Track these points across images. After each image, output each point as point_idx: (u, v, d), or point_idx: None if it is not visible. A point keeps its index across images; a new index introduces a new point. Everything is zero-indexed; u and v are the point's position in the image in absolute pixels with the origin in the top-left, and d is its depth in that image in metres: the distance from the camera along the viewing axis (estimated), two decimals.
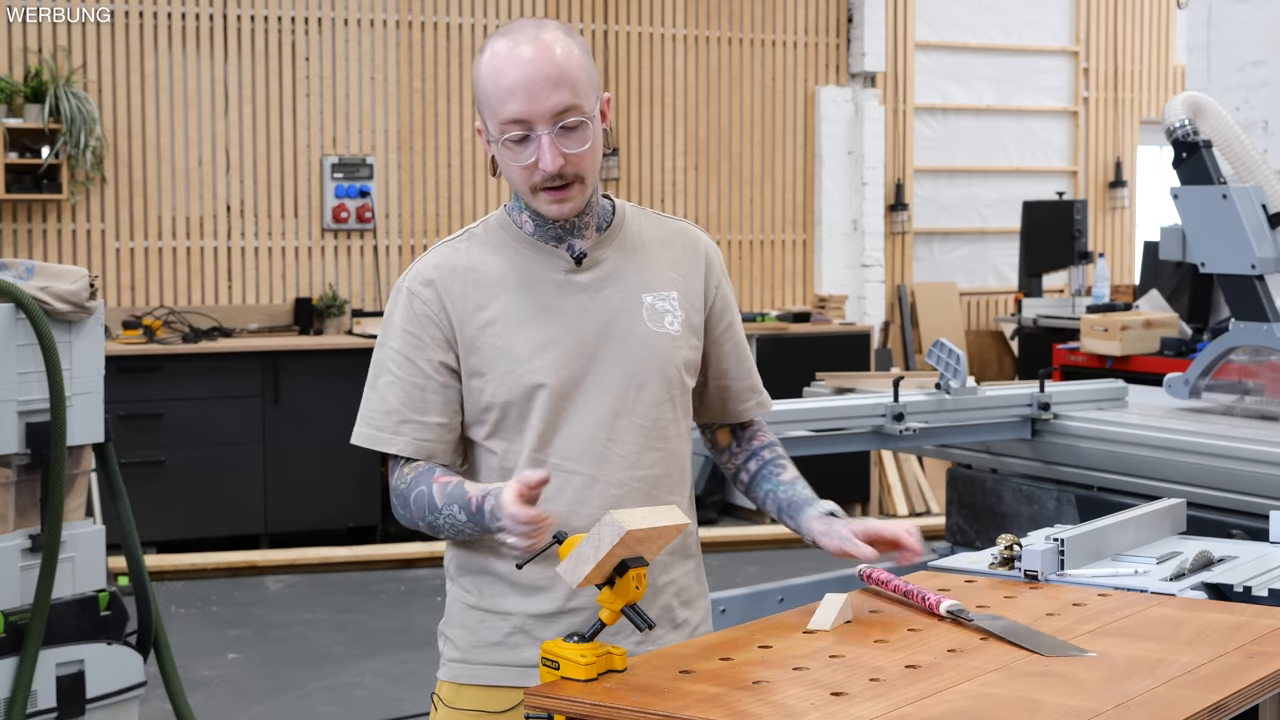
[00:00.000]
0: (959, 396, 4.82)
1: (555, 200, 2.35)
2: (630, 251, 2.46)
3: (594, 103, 2.35)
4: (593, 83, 2.35)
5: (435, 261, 2.41)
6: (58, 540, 4.04)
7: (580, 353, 2.38)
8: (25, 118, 8.03)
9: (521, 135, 2.30)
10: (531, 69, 2.28)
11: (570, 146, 2.31)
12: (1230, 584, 2.54)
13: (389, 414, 2.38)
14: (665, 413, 2.43)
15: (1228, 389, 5.14)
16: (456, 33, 9.16)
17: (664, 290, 2.46)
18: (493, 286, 2.39)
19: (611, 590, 2.10)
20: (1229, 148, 5.11)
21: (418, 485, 2.34)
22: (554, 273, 2.41)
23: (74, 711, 4.15)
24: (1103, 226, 11.41)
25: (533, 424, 2.37)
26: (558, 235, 2.41)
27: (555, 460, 2.37)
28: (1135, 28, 11.51)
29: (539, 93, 2.28)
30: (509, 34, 2.33)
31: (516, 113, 2.28)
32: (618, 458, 2.39)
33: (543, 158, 2.30)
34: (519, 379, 2.36)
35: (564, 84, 2.29)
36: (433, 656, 2.53)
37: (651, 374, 2.41)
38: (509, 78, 2.28)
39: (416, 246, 9.06)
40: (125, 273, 8.50)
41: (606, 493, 2.37)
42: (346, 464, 8.25)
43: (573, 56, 2.31)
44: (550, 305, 2.39)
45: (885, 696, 1.94)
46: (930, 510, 9.11)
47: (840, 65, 10.25)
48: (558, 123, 2.29)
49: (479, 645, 2.42)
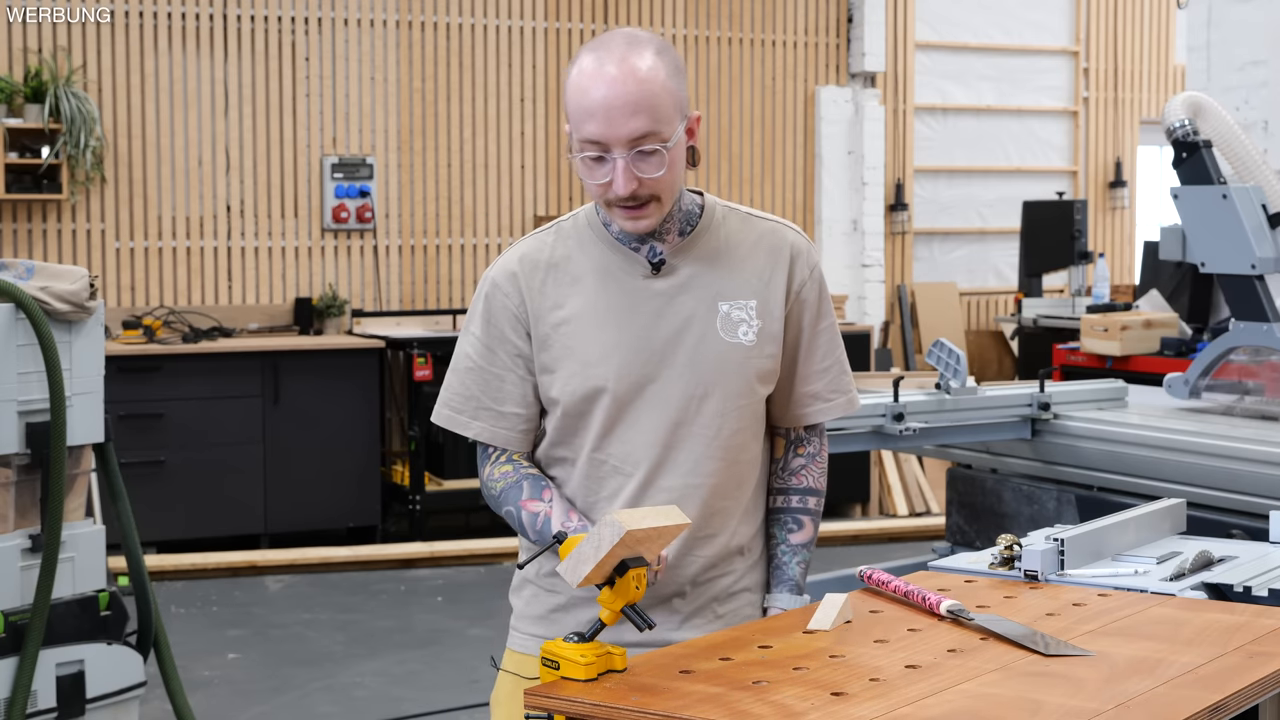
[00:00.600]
0: (959, 396, 4.82)
1: (629, 218, 2.37)
2: (712, 258, 2.46)
3: (676, 126, 2.34)
4: (679, 105, 2.35)
5: (521, 254, 2.46)
6: (58, 540, 4.04)
7: (647, 359, 2.41)
8: (25, 118, 8.03)
9: (598, 155, 2.32)
10: (612, 92, 2.28)
11: (646, 171, 2.32)
12: (1230, 584, 2.54)
13: (468, 399, 2.46)
14: (730, 423, 2.44)
15: (1228, 389, 5.14)
16: (456, 33, 9.16)
17: (742, 299, 2.46)
18: (571, 286, 2.43)
19: (611, 590, 2.10)
20: (1229, 148, 5.11)
21: (507, 503, 2.45)
22: (632, 277, 2.43)
23: (74, 711, 4.15)
24: (1103, 226, 11.41)
25: (593, 424, 2.42)
26: (640, 237, 2.44)
27: (613, 462, 2.42)
28: (1135, 28, 11.52)
29: (617, 118, 2.28)
30: (600, 48, 2.33)
31: (593, 134, 2.30)
32: (674, 464, 2.42)
33: (616, 181, 2.31)
34: (584, 380, 2.40)
35: (644, 110, 2.29)
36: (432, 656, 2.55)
37: (717, 384, 2.43)
38: (590, 98, 2.29)
39: (416, 246, 9.07)
40: (125, 273, 8.50)
41: (658, 497, 2.42)
42: (346, 464, 8.26)
43: (658, 79, 2.30)
44: (624, 308, 2.42)
45: (885, 696, 1.94)
46: (930, 510, 9.11)
47: (840, 65, 10.25)
48: (634, 148, 2.30)
49: (524, 617, 2.54)
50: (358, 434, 8.29)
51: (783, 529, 2.58)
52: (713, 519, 2.47)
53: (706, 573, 2.48)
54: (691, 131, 2.41)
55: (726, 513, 2.48)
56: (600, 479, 2.44)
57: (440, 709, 5.56)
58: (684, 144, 2.38)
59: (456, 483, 8.41)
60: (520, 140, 9.29)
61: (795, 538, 2.58)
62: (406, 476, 8.41)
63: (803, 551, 2.58)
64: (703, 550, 2.47)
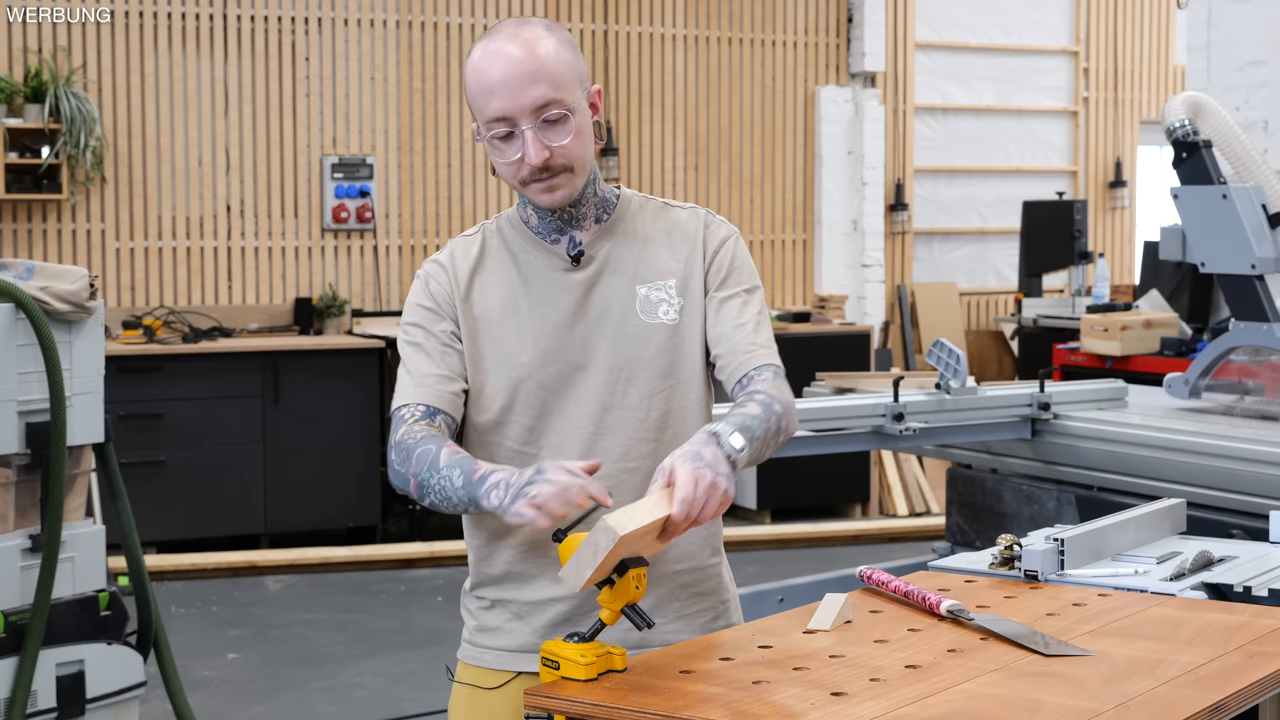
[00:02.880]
0: (959, 396, 4.82)
1: (545, 190, 2.40)
2: (629, 243, 2.48)
3: (578, 95, 2.37)
4: (577, 75, 2.38)
5: (450, 250, 2.51)
6: (58, 540, 4.04)
7: (570, 347, 2.42)
8: (25, 118, 8.03)
9: (506, 132, 2.35)
10: (510, 66, 2.32)
11: (554, 139, 2.35)
12: (1230, 584, 2.54)
13: (411, 374, 2.44)
14: (659, 404, 2.43)
15: (1228, 389, 5.14)
16: (456, 33, 9.16)
17: (660, 279, 2.46)
18: (495, 281, 2.46)
19: (611, 590, 2.10)
20: (1229, 148, 5.11)
21: (426, 444, 2.31)
22: (553, 270, 2.46)
23: (74, 711, 4.15)
24: (1103, 226, 11.41)
25: (520, 417, 2.42)
26: (559, 227, 2.46)
27: (544, 454, 2.40)
28: (1135, 28, 11.52)
29: (518, 88, 2.32)
30: (492, 35, 2.38)
31: (498, 110, 2.33)
32: (605, 450, 2.40)
33: (527, 152, 2.35)
34: (508, 372, 2.41)
35: (542, 78, 2.33)
36: (432, 656, 2.56)
37: (640, 366, 2.42)
38: (490, 76, 2.33)
39: (416, 246, 9.07)
40: (125, 273, 8.50)
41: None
42: (346, 464, 8.26)
43: (551, 50, 2.35)
44: (544, 302, 2.44)
45: (885, 696, 1.94)
46: (930, 510, 9.11)
47: (840, 65, 10.25)
48: (539, 116, 2.33)
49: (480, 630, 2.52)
50: (358, 434, 8.29)
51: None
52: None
53: (660, 566, 2.42)
54: (595, 106, 2.43)
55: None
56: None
57: (440, 709, 5.56)
58: (588, 115, 2.41)
59: None
60: None
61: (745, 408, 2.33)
62: None
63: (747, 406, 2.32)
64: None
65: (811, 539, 8.42)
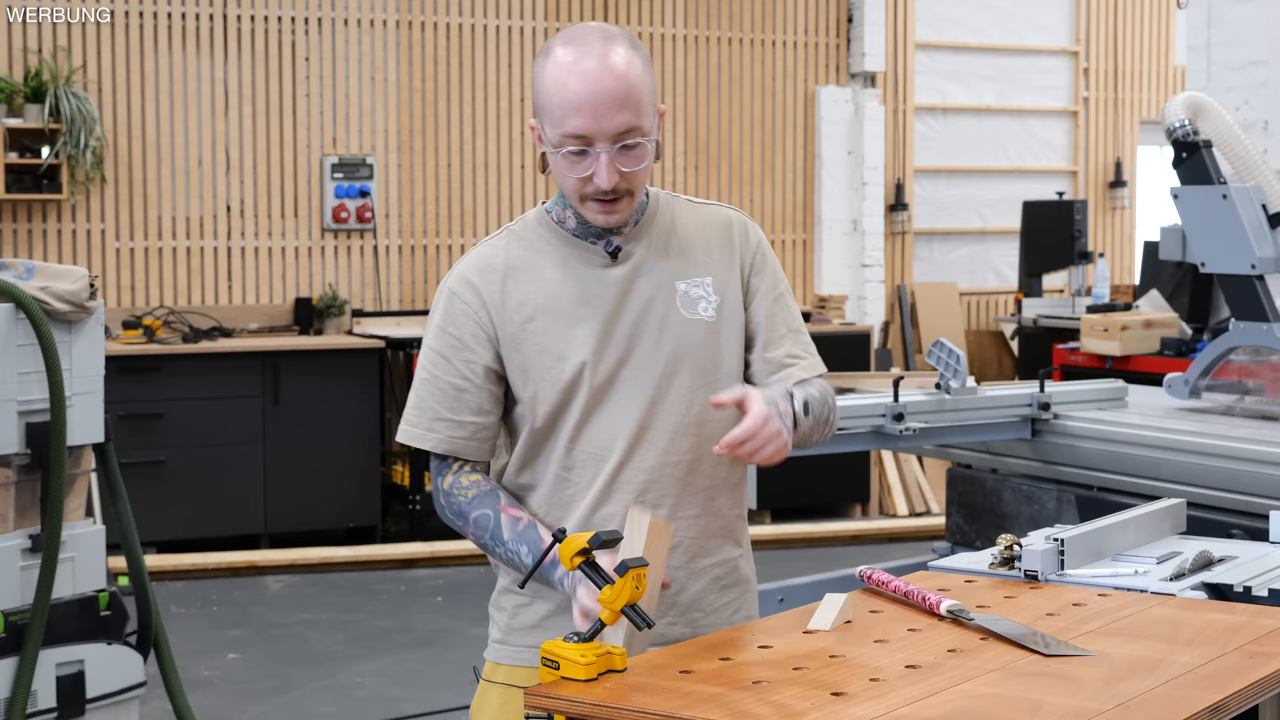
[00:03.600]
0: (959, 396, 4.82)
1: (604, 211, 2.38)
2: (664, 241, 2.49)
3: (653, 119, 2.37)
4: (653, 98, 2.37)
5: (475, 261, 2.46)
6: (58, 540, 4.04)
7: (616, 344, 2.42)
8: (25, 118, 8.03)
9: (580, 150, 2.32)
10: (597, 87, 2.28)
11: (628, 165, 2.33)
12: (1230, 584, 2.54)
13: (422, 411, 2.45)
14: (700, 398, 2.45)
15: (1228, 389, 5.13)
16: (456, 33, 9.16)
17: (697, 277, 2.48)
18: (532, 284, 2.44)
19: (611, 590, 2.10)
20: (1229, 148, 5.11)
21: (482, 506, 2.40)
22: (590, 268, 2.45)
23: (74, 711, 4.15)
24: (1103, 226, 11.41)
25: (571, 416, 2.42)
26: (598, 232, 2.46)
27: (590, 449, 2.43)
28: (1135, 28, 11.51)
29: (603, 112, 2.29)
30: (576, 42, 2.32)
31: (579, 129, 2.30)
32: (650, 444, 2.43)
33: (599, 175, 2.32)
34: (560, 374, 2.41)
35: (629, 105, 2.30)
36: (432, 656, 2.55)
37: (685, 361, 2.44)
38: (573, 92, 2.28)
39: (416, 246, 9.07)
40: (125, 273, 8.50)
41: (636, 478, 2.43)
42: (346, 464, 8.26)
43: (636, 73, 2.31)
44: (587, 299, 2.43)
45: (885, 696, 1.94)
46: (930, 510, 9.11)
47: (840, 65, 10.25)
48: (618, 143, 2.31)
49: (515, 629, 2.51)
50: (358, 434, 8.29)
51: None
52: (694, 498, 2.46)
53: (696, 560, 2.48)
54: (659, 127, 2.43)
55: (708, 492, 2.48)
56: (578, 468, 2.44)
57: (440, 709, 5.56)
58: (655, 139, 2.40)
59: None
60: (520, 140, 9.29)
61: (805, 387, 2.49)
62: (406, 476, 8.41)
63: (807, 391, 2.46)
64: (686, 531, 2.46)
65: (811, 539, 8.42)
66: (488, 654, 2.55)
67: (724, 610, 2.51)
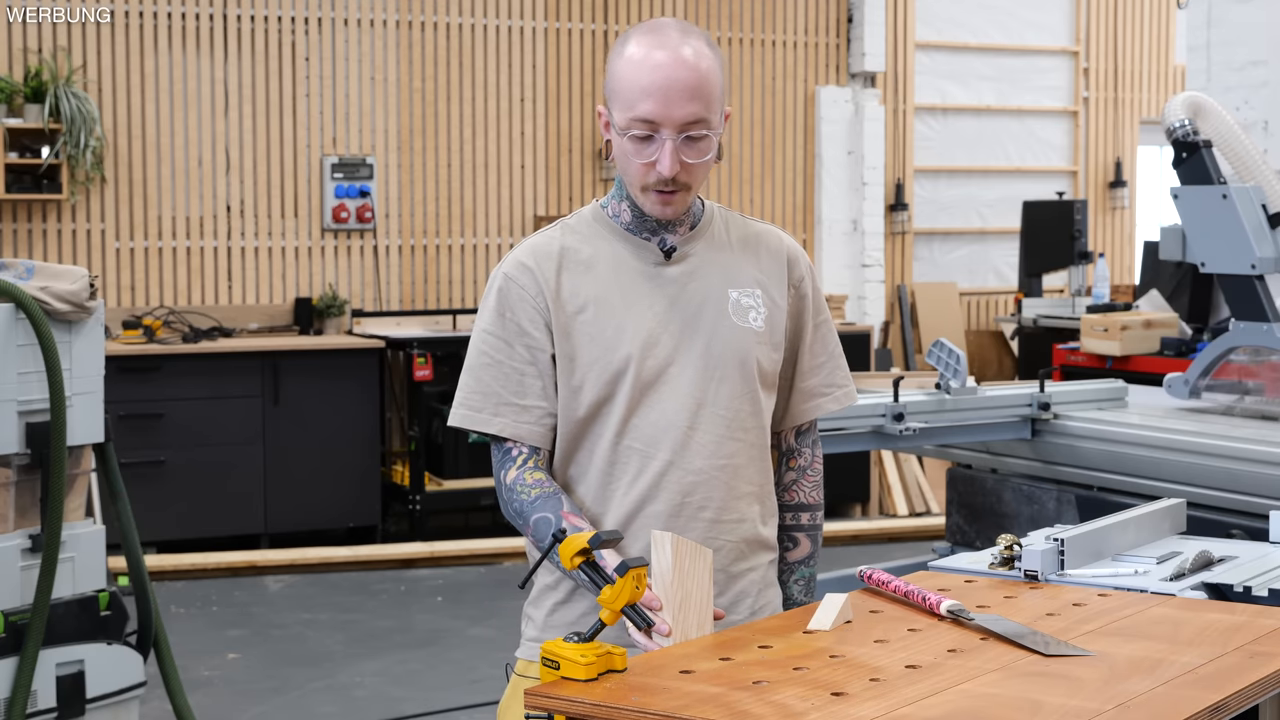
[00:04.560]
0: (959, 396, 4.82)
1: (662, 202, 2.43)
2: (717, 248, 2.53)
3: (720, 117, 2.42)
4: (722, 97, 2.42)
5: (530, 248, 2.49)
6: (58, 540, 4.04)
7: (667, 342, 2.45)
8: (25, 118, 8.03)
9: (647, 135, 2.37)
10: (672, 74, 2.34)
11: (691, 156, 2.38)
12: (1230, 584, 2.54)
13: (487, 396, 2.45)
14: (744, 406, 2.49)
15: (1228, 389, 5.14)
16: (456, 33, 9.16)
17: (749, 287, 2.52)
18: (585, 275, 2.46)
19: (612, 590, 2.10)
20: (1229, 148, 5.11)
21: (542, 509, 2.39)
22: (644, 264, 2.48)
23: (74, 711, 4.15)
24: (1103, 226, 11.41)
25: (617, 408, 2.43)
26: (653, 228, 2.49)
27: (638, 445, 2.44)
28: (1135, 28, 11.51)
29: (674, 99, 2.34)
30: (655, 33, 2.39)
31: (648, 113, 2.35)
32: (698, 445, 2.45)
33: (662, 161, 2.37)
34: (607, 364, 2.43)
35: (700, 96, 2.36)
36: (432, 656, 2.54)
37: (733, 367, 2.47)
38: (648, 78, 2.35)
39: (416, 246, 9.06)
40: (125, 273, 8.50)
41: (684, 479, 2.45)
42: (346, 464, 8.26)
43: (711, 69, 2.38)
44: (640, 294, 2.46)
45: (885, 696, 1.94)
46: (930, 510, 9.11)
47: (840, 65, 10.25)
48: (684, 132, 2.36)
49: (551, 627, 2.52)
50: (358, 434, 8.29)
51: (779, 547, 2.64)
52: (737, 503, 2.50)
53: (737, 563, 2.51)
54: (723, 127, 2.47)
55: (750, 499, 2.52)
56: (622, 463, 2.45)
57: (440, 709, 5.56)
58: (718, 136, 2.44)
59: (456, 483, 8.41)
60: (520, 140, 9.29)
61: (792, 555, 2.65)
62: (406, 476, 8.41)
63: (800, 569, 2.65)
64: (729, 535, 2.49)
65: None
66: (521, 652, 2.57)
67: (761, 614, 2.55)
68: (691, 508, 2.46)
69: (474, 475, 8.45)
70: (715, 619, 2.29)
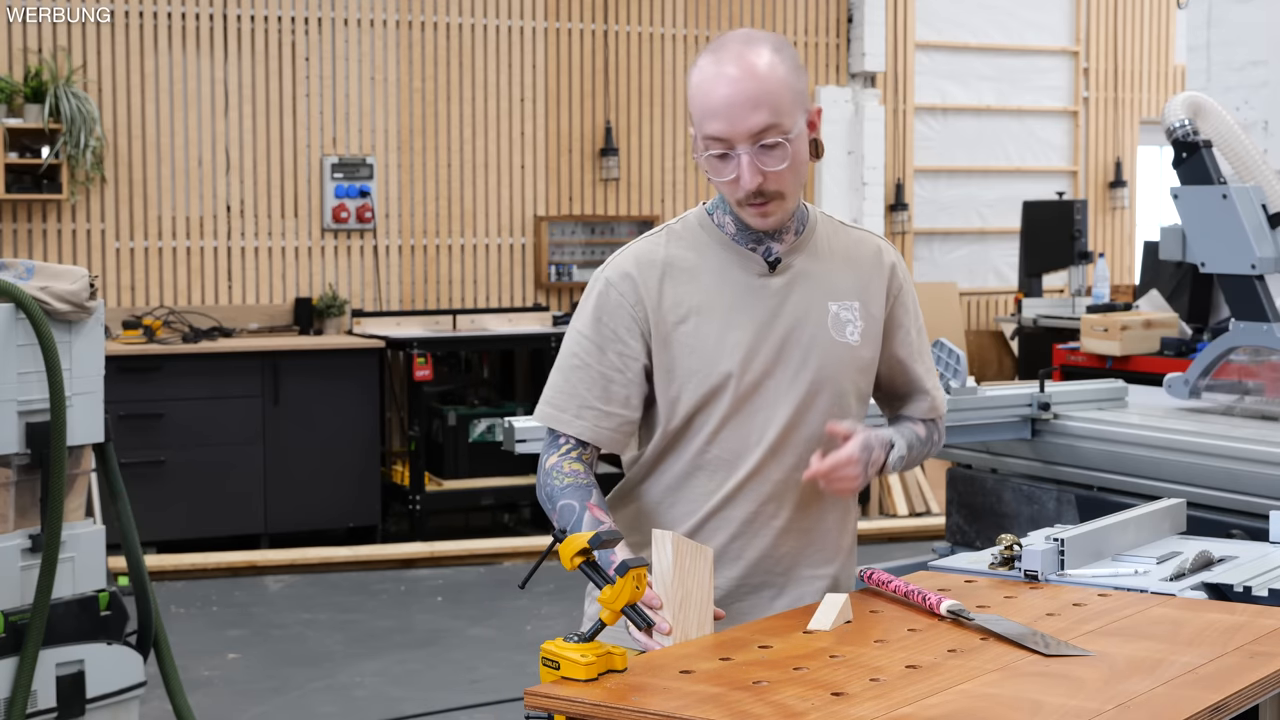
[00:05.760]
0: (959, 396, 4.82)
1: (759, 214, 2.42)
2: (819, 259, 2.52)
3: (797, 119, 2.39)
4: (798, 99, 2.40)
5: (635, 255, 2.50)
6: (58, 540, 4.04)
7: (765, 356, 2.45)
8: (25, 118, 8.03)
9: (722, 152, 2.36)
10: (734, 89, 2.33)
11: (770, 164, 2.37)
12: (1230, 584, 2.54)
13: (573, 397, 2.47)
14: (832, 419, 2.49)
15: (1228, 389, 5.13)
16: (456, 33, 9.15)
17: (848, 300, 2.51)
18: (689, 284, 2.47)
19: (612, 590, 2.10)
20: (1229, 148, 5.11)
21: (570, 497, 2.41)
22: (748, 275, 2.48)
23: (74, 711, 4.15)
24: (1103, 226, 11.41)
25: (711, 419, 2.45)
26: (758, 237, 2.49)
27: (724, 456, 2.46)
28: (1135, 28, 11.51)
29: (739, 114, 2.33)
30: (718, 49, 2.38)
31: (717, 131, 2.35)
32: (782, 459, 2.47)
33: (742, 176, 2.36)
34: (706, 377, 2.44)
35: (765, 104, 2.34)
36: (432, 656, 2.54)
37: (827, 383, 2.49)
38: (713, 97, 2.34)
39: (416, 246, 9.06)
40: (125, 273, 8.50)
41: (762, 489, 2.48)
42: (346, 464, 8.26)
43: (776, 75, 2.36)
44: (742, 306, 2.46)
45: (885, 696, 1.94)
46: (930, 510, 9.11)
47: (840, 65, 10.25)
48: (757, 142, 2.35)
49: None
50: (358, 434, 8.29)
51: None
52: (808, 511, 2.52)
53: (802, 569, 2.53)
54: (813, 125, 2.46)
55: (823, 508, 2.54)
56: (706, 470, 2.48)
57: (440, 709, 5.56)
58: (805, 137, 2.43)
59: (456, 483, 8.41)
60: (520, 140, 9.29)
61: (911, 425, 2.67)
62: (406, 476, 8.41)
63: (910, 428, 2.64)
64: (794, 543, 2.52)
65: None
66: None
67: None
68: (764, 517, 2.49)
69: (474, 475, 8.45)
70: (715, 619, 2.30)
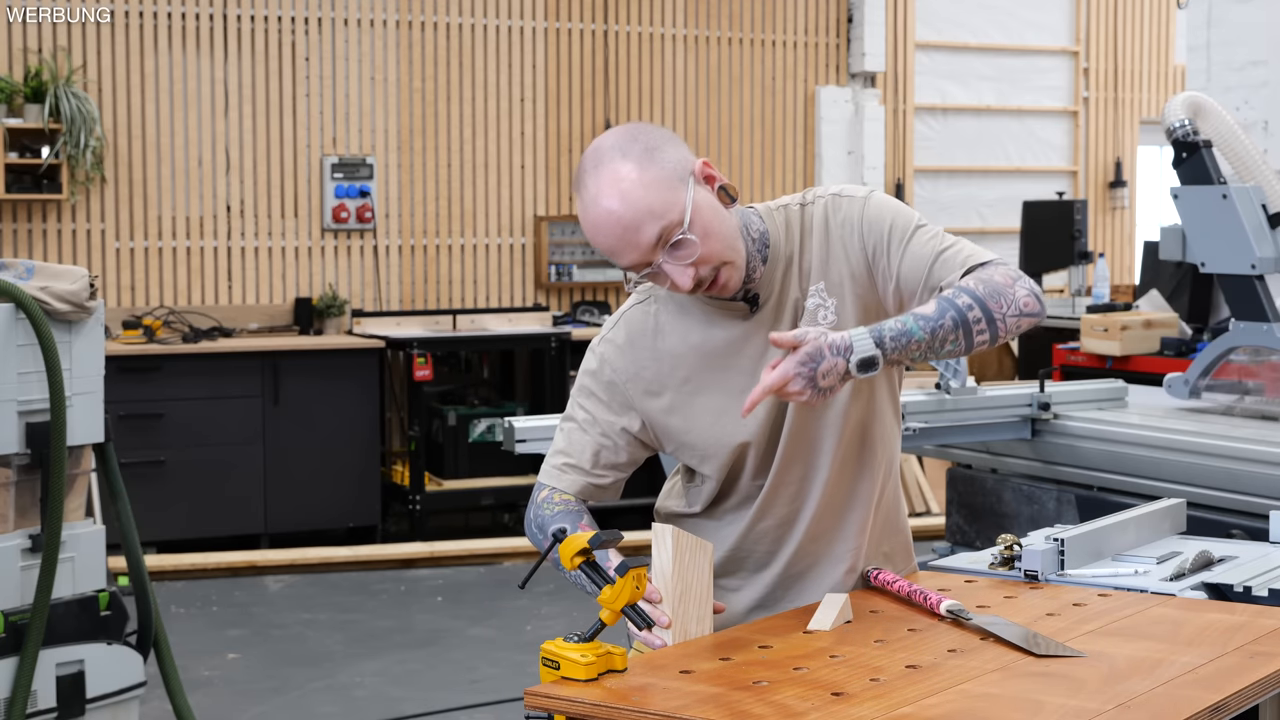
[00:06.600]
0: (959, 396, 4.82)
1: (717, 291, 2.40)
2: (787, 264, 2.47)
3: (683, 202, 2.31)
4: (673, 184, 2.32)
5: (626, 325, 2.53)
6: (58, 540, 4.04)
7: (773, 403, 2.43)
8: (25, 118, 8.03)
9: (648, 271, 2.36)
10: (607, 229, 2.31)
11: (687, 257, 2.33)
12: (1230, 584, 2.54)
13: (559, 454, 2.55)
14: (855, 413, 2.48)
15: (1228, 389, 5.14)
16: (456, 33, 9.15)
17: (812, 285, 2.47)
18: (683, 349, 2.49)
19: (612, 590, 2.10)
20: (1229, 148, 5.11)
21: (560, 522, 2.46)
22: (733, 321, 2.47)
23: (74, 711, 4.15)
24: (1103, 226, 11.41)
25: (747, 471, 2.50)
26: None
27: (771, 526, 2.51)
28: (1135, 28, 11.51)
29: (624, 248, 2.32)
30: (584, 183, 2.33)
31: (627, 264, 2.35)
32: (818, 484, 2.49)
33: (676, 281, 2.35)
34: (720, 438, 2.47)
35: (644, 219, 2.30)
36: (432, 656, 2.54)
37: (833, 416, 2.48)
38: (601, 238, 2.33)
39: (416, 246, 9.06)
40: (125, 273, 8.50)
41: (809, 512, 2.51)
42: (346, 464, 8.26)
43: (641, 189, 2.30)
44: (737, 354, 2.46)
45: (885, 696, 1.94)
46: (930, 510, 9.11)
47: (840, 65, 10.25)
48: (662, 248, 2.32)
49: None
50: (358, 434, 8.29)
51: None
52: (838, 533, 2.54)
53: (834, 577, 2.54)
54: (710, 178, 2.38)
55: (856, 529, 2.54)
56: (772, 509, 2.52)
57: (440, 709, 5.56)
58: (706, 202, 2.35)
59: (456, 483, 8.41)
60: (520, 140, 9.29)
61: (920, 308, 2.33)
62: (406, 476, 8.41)
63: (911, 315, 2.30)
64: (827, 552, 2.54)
65: None
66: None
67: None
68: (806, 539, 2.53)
69: (474, 475, 8.45)
70: (715, 612, 2.30)
